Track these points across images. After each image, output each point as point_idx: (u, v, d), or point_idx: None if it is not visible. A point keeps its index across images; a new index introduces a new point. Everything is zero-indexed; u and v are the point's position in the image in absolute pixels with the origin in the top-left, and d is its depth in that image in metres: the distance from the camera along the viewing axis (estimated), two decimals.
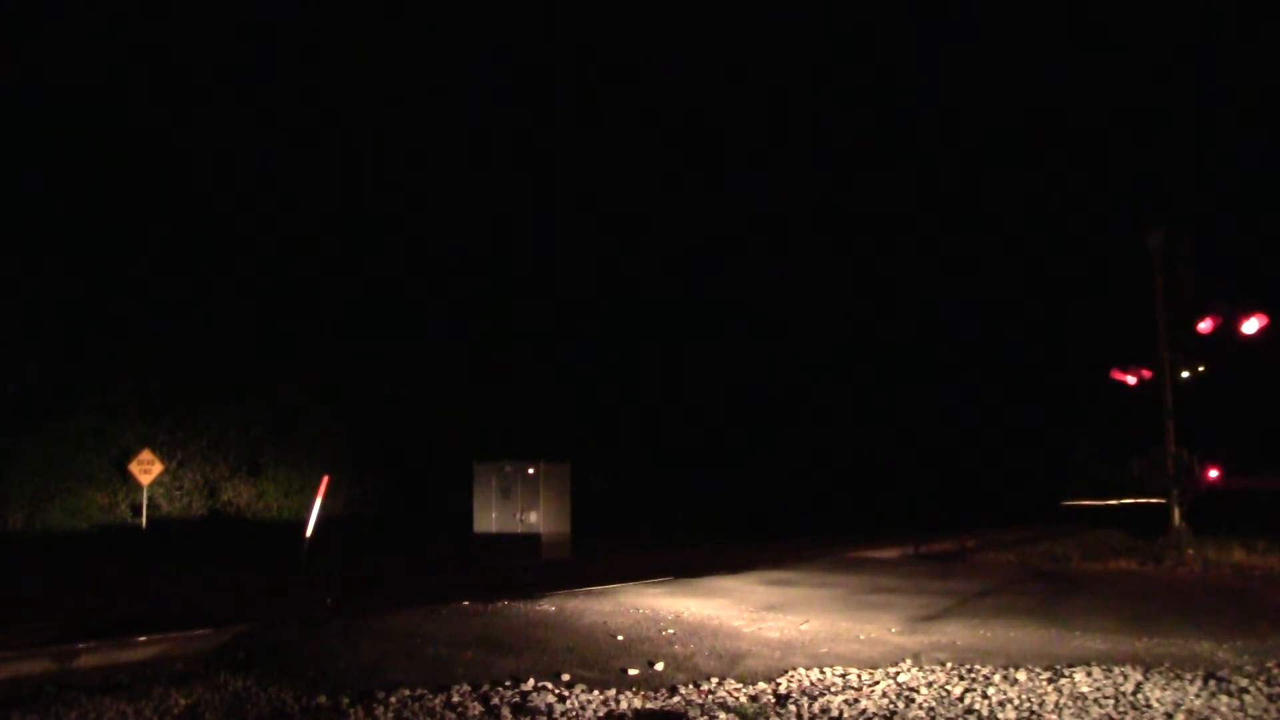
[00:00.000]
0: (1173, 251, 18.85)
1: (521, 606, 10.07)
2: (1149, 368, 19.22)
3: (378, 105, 35.04)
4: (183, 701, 6.09)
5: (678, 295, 39.05)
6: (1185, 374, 18.73)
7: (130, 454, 18.87)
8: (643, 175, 49.80)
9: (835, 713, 5.78)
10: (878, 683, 6.58)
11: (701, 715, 5.76)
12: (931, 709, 5.86)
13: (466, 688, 6.34)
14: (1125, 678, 6.67)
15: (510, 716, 5.71)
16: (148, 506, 18.88)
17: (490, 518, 18.13)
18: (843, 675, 6.83)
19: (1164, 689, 6.33)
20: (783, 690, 6.41)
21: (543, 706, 5.89)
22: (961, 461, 53.81)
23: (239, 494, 22.21)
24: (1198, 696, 6.13)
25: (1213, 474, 18.79)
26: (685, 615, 9.70)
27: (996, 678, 6.69)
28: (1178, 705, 5.91)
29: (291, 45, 32.34)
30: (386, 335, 26.95)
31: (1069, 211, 75.38)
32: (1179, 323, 18.47)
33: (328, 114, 31.48)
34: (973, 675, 6.79)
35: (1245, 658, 7.51)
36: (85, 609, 10.10)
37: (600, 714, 5.80)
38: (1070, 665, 7.13)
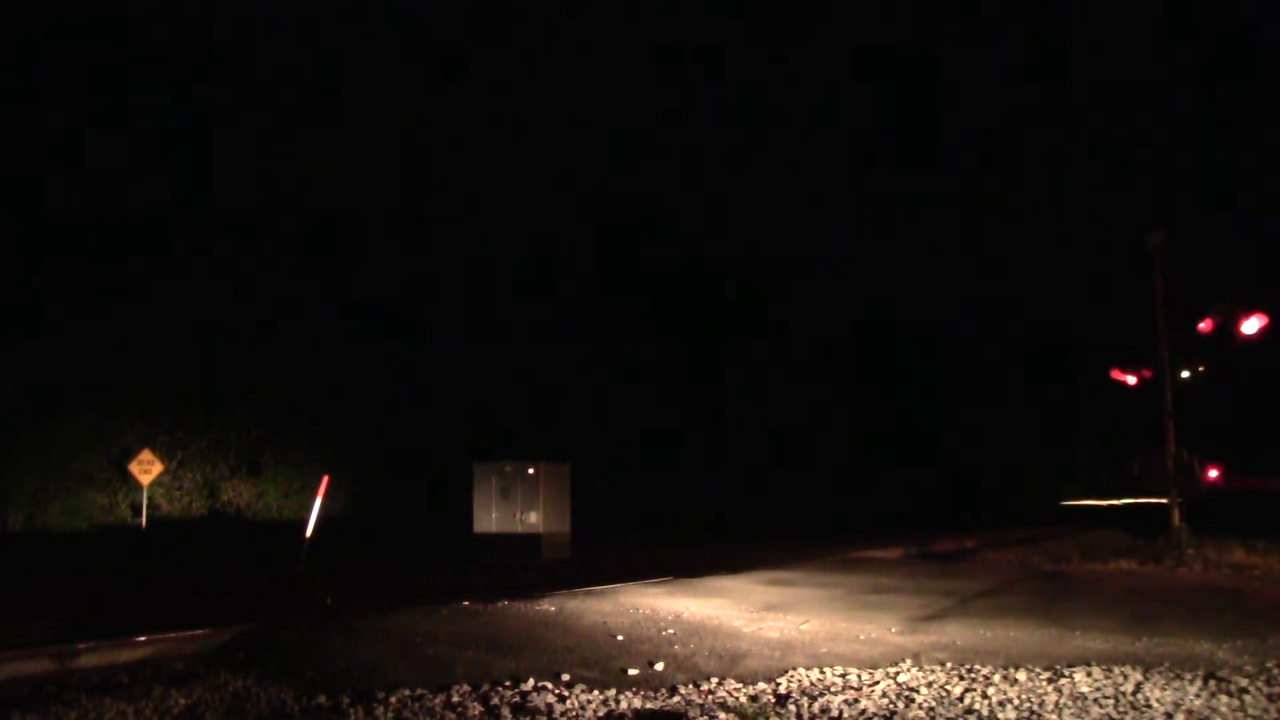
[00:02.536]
0: (1173, 251, 18.87)
1: (521, 606, 10.07)
2: (1149, 368, 19.23)
3: (376, 104, 35.02)
4: (183, 701, 6.08)
5: (679, 295, 39.06)
6: (1185, 374, 18.74)
7: (130, 454, 18.86)
8: (646, 176, 49.83)
9: (835, 713, 5.78)
10: (878, 683, 6.58)
11: (701, 715, 5.76)
12: (931, 709, 5.86)
13: (466, 688, 6.33)
14: (1125, 678, 6.67)
15: (510, 716, 5.71)
16: (148, 506, 18.88)
17: (490, 518, 18.13)
18: (843, 675, 6.83)
19: (1164, 689, 6.33)
20: (783, 690, 6.41)
21: (543, 706, 5.89)
22: (962, 461, 53.86)
23: (239, 494, 22.20)
24: (1198, 696, 6.13)
25: (1212, 474, 18.79)
26: (685, 615, 9.70)
27: (996, 678, 6.69)
28: (1178, 705, 5.91)
29: (286, 40, 32.33)
30: (387, 335, 26.95)
31: (1070, 211, 75.44)
32: (1179, 323, 18.48)
33: (327, 113, 31.47)
34: (973, 675, 6.79)
35: (1245, 658, 7.51)
36: (85, 609, 10.10)
37: (600, 714, 5.80)
38: (1070, 665, 7.13)
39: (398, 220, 30.12)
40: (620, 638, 8.29)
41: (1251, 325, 17.42)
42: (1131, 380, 19.55)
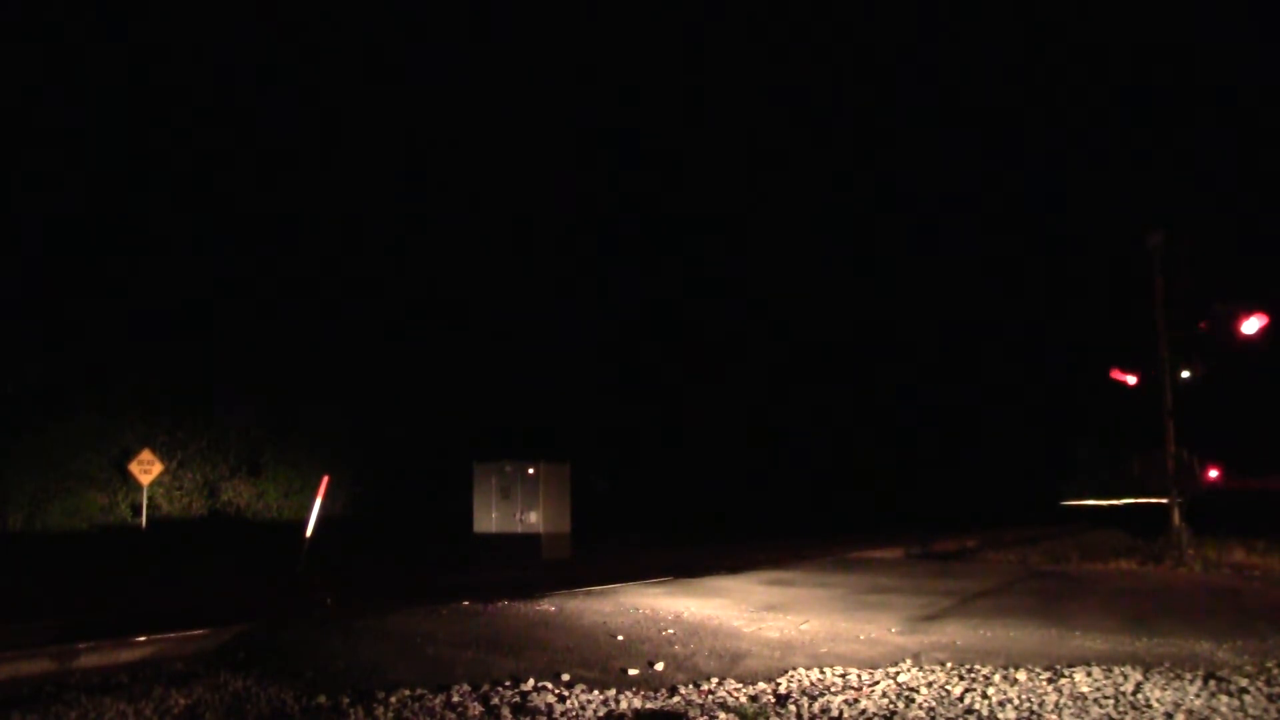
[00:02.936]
0: (1173, 251, 18.86)
1: (521, 606, 10.06)
2: (1149, 368, 19.23)
3: (375, 103, 35.02)
4: (183, 701, 6.08)
5: (679, 296, 39.07)
6: (1185, 374, 18.74)
7: (130, 454, 18.86)
8: (647, 178, 49.82)
9: (835, 713, 5.78)
10: (878, 683, 6.57)
11: (701, 715, 5.76)
12: (931, 709, 5.85)
13: (466, 687, 6.33)
14: (1125, 678, 6.67)
15: (510, 716, 5.71)
16: (148, 506, 18.88)
17: (490, 518, 18.13)
18: (843, 675, 6.83)
19: (1164, 689, 6.33)
20: (783, 690, 6.41)
21: (543, 706, 5.89)
22: (962, 461, 53.87)
23: (239, 494, 22.20)
24: (1198, 696, 6.13)
25: (1212, 474, 18.80)
26: (685, 615, 9.69)
27: (996, 678, 6.69)
28: (1178, 705, 5.91)
29: (283, 47, 32.34)
30: (386, 335, 26.94)
31: (1070, 211, 75.46)
32: (1179, 323, 18.48)
33: (327, 114, 31.48)
34: (973, 675, 6.79)
35: (1245, 658, 7.51)
36: (85, 609, 10.10)
37: (600, 714, 5.80)
38: (1070, 665, 7.13)
39: (398, 219, 30.14)
40: (620, 638, 8.29)
41: (1251, 325, 17.43)
42: (1131, 380, 19.54)
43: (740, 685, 6.54)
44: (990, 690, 6.30)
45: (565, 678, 6.68)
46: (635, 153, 48.74)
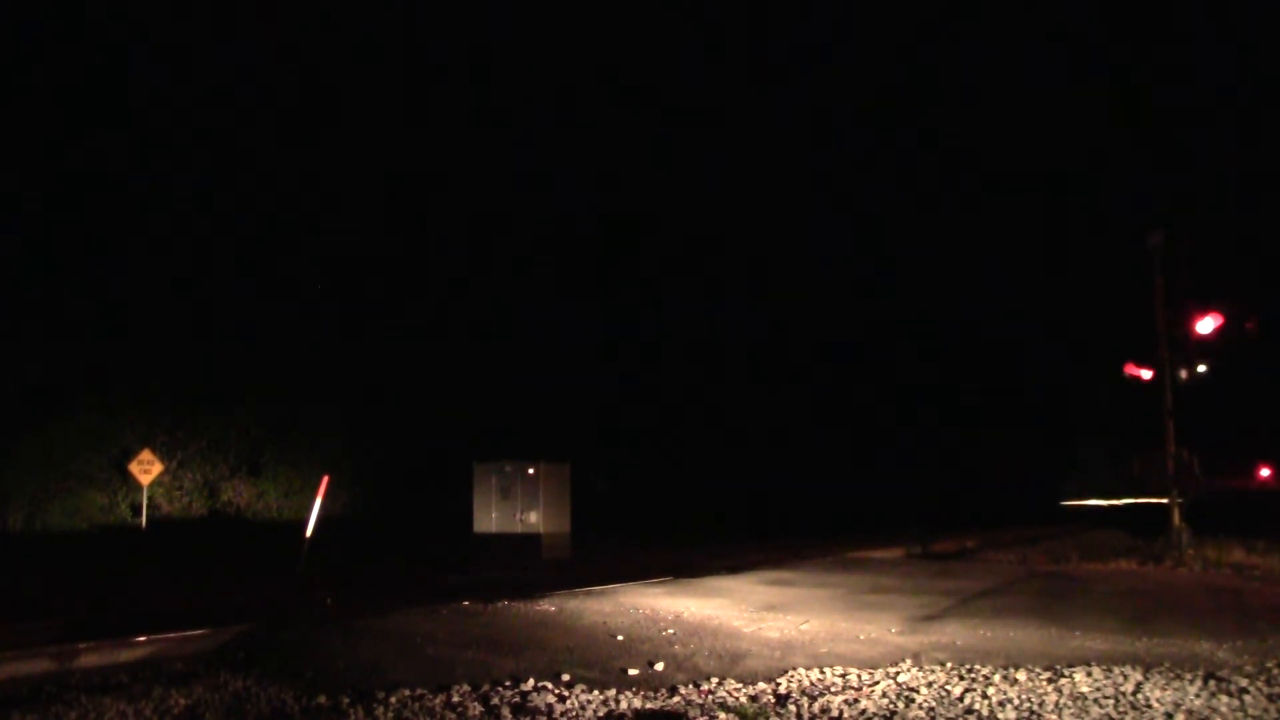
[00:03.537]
0: (1173, 251, 18.86)
1: (521, 606, 10.07)
2: (1149, 368, 19.22)
3: (374, 100, 34.99)
4: (183, 701, 6.09)
5: (678, 296, 39.07)
6: (1185, 374, 18.74)
7: (130, 454, 18.86)
8: (645, 179, 49.81)
9: (835, 713, 5.78)
10: (878, 683, 6.58)
11: (701, 715, 5.76)
12: (931, 709, 5.86)
13: (466, 688, 6.34)
14: (1125, 678, 6.67)
15: (510, 716, 5.71)
16: (148, 506, 18.88)
17: (490, 518, 18.14)
18: (843, 675, 6.83)
19: (1164, 689, 6.33)
20: (783, 690, 6.41)
21: (543, 706, 5.89)
22: (963, 461, 53.86)
23: (239, 494, 22.20)
24: (1198, 696, 6.13)
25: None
26: (685, 615, 9.70)
27: (996, 678, 6.69)
28: (1178, 705, 5.91)
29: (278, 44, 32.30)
30: (387, 335, 26.94)
31: (1070, 212, 75.49)
32: (1179, 323, 18.48)
33: (327, 112, 31.45)
34: (973, 675, 6.79)
35: (1245, 658, 7.51)
36: (85, 609, 10.10)
37: (600, 714, 5.81)
38: (1070, 665, 7.13)
39: (397, 218, 30.12)
40: (620, 638, 8.30)
41: (1251, 325, 17.46)
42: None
43: (740, 685, 6.54)
44: (990, 690, 6.31)
45: (565, 678, 6.69)
46: (633, 147, 48.74)
